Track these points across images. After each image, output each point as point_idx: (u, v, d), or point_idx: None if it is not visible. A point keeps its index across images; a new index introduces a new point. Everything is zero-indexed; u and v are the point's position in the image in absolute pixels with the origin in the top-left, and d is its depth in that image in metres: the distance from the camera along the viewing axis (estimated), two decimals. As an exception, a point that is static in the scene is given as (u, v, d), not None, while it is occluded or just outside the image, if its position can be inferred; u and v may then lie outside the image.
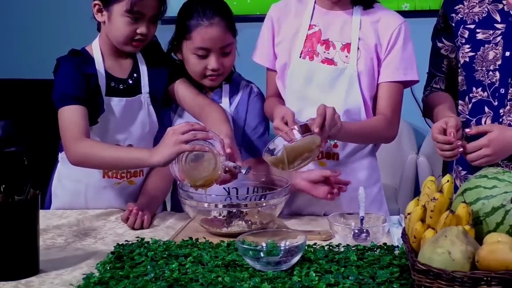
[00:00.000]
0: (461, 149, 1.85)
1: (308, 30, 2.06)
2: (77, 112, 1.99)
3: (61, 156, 2.14)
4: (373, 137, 2.09)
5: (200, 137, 1.82)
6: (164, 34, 2.19)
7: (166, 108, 2.20)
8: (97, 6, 2.05)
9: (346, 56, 2.02)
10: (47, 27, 4.21)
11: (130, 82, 2.11)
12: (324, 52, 2.04)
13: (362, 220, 1.81)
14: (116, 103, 2.07)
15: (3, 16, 4.30)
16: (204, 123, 2.05)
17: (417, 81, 2.06)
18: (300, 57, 2.05)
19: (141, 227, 1.96)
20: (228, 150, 1.84)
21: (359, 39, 2.01)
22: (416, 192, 3.55)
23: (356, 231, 1.77)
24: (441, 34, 2.13)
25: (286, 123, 1.87)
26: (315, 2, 2.08)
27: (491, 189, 1.42)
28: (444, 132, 1.84)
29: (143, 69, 2.13)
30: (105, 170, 2.11)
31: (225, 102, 2.19)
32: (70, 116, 1.99)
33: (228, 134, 1.93)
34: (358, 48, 2.01)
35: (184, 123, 1.86)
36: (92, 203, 2.15)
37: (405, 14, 2.10)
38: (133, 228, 1.96)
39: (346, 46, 2.02)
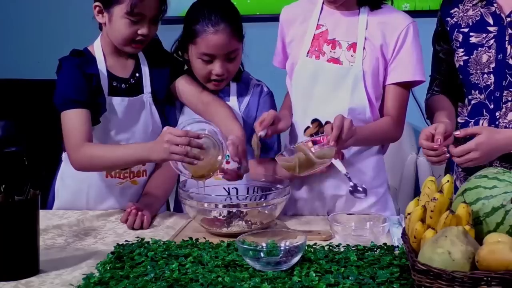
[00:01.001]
0: (448, 155, 1.86)
1: (316, 29, 2.07)
2: (80, 116, 1.99)
3: (65, 156, 2.13)
4: (381, 139, 2.10)
5: (193, 146, 1.82)
6: (165, 34, 2.19)
7: (171, 106, 2.20)
8: (97, 8, 2.05)
9: (352, 56, 2.02)
10: (47, 27, 4.21)
11: (132, 81, 2.11)
12: (330, 51, 2.04)
13: (349, 177, 1.83)
14: (119, 103, 2.07)
15: (3, 16, 4.30)
16: (211, 121, 2.05)
17: (423, 81, 2.06)
18: (307, 56, 2.06)
19: (141, 227, 1.96)
20: (235, 152, 1.87)
21: (365, 39, 2.02)
22: (416, 192, 3.55)
23: (351, 184, 1.80)
24: (439, 37, 2.13)
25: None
26: (323, 3, 2.09)
27: (491, 189, 1.42)
28: (433, 138, 1.84)
29: (145, 69, 2.13)
30: (119, 169, 2.12)
31: (233, 100, 2.19)
32: (73, 121, 1.99)
33: (239, 134, 1.94)
34: (364, 48, 2.01)
35: (180, 131, 1.84)
36: (93, 203, 2.15)
37: (405, 14, 2.10)
38: (132, 228, 1.96)
39: (352, 46, 2.03)
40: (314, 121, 2.05)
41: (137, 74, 2.12)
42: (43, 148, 2.55)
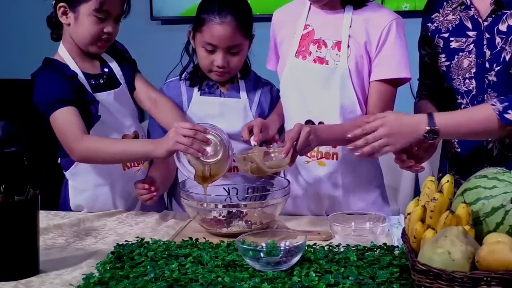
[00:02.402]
0: (419, 168, 1.95)
1: (303, 30, 2.07)
2: (71, 112, 1.98)
3: (70, 172, 2.12)
4: None
5: (199, 139, 1.82)
6: (165, 34, 2.19)
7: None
8: (62, 9, 2.06)
9: (337, 54, 2.01)
10: (47, 27, 4.21)
11: (105, 76, 2.12)
12: (316, 51, 2.04)
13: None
14: (105, 98, 2.07)
15: (3, 16, 4.30)
16: (160, 121, 2.11)
17: (409, 79, 2.04)
18: (294, 56, 2.06)
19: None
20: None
21: (349, 36, 2.01)
22: (416, 192, 3.55)
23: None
24: (423, 42, 2.10)
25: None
26: (311, 3, 2.08)
27: (491, 189, 1.42)
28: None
29: (113, 64, 2.15)
30: (124, 163, 2.12)
31: (243, 97, 2.19)
32: (65, 117, 1.97)
33: None
34: (348, 46, 2.00)
35: (187, 124, 1.87)
36: (122, 199, 2.15)
37: (405, 14, 2.09)
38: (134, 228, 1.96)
39: (337, 44, 2.01)
40: (307, 122, 2.04)
41: (106, 70, 2.13)
42: (43, 148, 2.55)
